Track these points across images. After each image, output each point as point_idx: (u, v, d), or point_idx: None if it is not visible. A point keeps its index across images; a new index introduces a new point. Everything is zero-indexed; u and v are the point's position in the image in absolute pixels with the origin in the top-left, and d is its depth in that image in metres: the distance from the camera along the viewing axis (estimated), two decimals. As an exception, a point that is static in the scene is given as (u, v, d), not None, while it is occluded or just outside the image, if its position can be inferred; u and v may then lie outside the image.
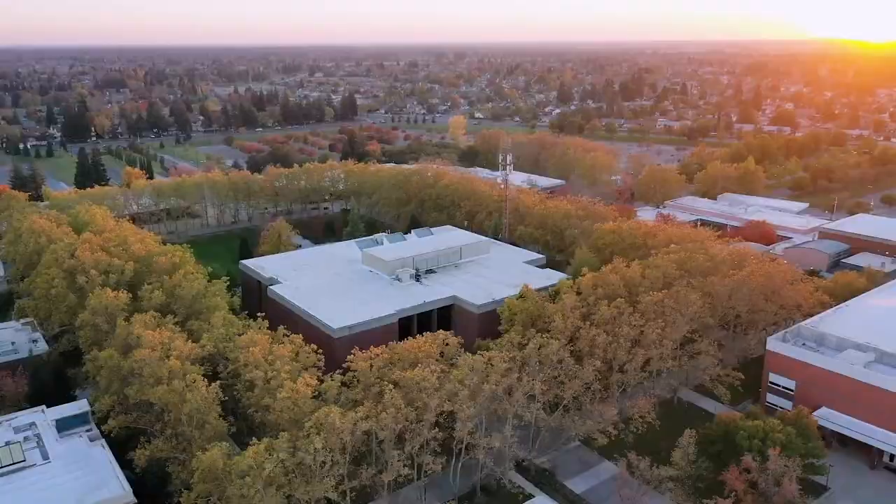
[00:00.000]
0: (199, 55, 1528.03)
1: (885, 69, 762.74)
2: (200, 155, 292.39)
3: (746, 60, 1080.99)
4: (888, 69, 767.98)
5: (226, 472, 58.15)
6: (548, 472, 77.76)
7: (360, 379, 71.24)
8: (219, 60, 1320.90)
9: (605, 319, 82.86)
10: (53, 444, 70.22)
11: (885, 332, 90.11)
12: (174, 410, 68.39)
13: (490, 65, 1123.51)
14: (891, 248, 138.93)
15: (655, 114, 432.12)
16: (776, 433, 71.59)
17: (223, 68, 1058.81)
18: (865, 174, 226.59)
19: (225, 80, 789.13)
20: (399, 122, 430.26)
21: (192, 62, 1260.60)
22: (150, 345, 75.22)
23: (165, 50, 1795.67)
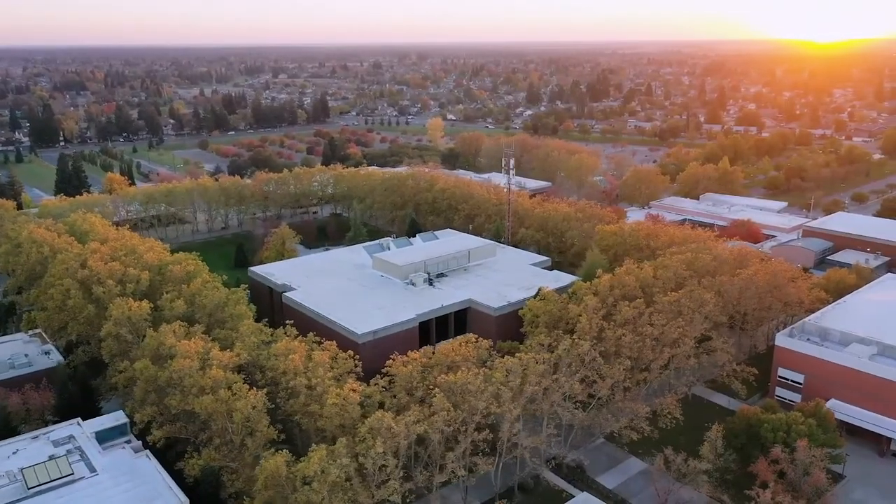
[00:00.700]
0: (155, 56, 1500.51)
1: (838, 70, 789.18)
2: (177, 159, 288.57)
3: (704, 61, 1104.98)
4: (841, 70, 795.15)
5: (289, 479, 59.12)
6: (579, 469, 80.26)
7: (400, 383, 72.81)
8: (177, 61, 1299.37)
9: (627, 319, 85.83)
10: (97, 456, 70.04)
11: (885, 325, 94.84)
12: (219, 419, 68.96)
13: (454, 65, 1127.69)
14: (872, 244, 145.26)
15: (625, 115, 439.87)
16: (799, 425, 75.35)
17: (183, 70, 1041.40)
18: (835, 173, 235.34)
19: (187, 82, 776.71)
20: (372, 124, 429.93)
21: (150, 63, 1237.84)
22: (186, 355, 75.63)
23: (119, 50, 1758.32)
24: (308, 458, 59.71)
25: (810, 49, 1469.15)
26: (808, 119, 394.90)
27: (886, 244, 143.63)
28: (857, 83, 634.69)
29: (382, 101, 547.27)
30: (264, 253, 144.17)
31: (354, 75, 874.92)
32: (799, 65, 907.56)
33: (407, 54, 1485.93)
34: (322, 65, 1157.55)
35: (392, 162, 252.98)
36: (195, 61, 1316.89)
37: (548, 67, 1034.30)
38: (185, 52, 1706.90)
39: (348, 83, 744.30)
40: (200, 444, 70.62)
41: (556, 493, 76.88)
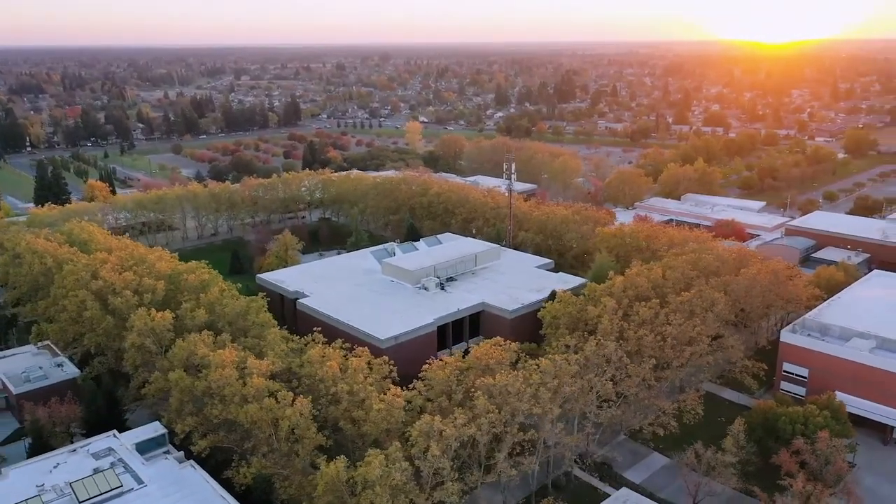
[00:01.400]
0: (110, 57, 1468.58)
1: (794, 70, 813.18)
2: (153, 164, 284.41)
3: (663, 62, 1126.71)
4: (794, 70, 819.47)
5: (349, 484, 60.40)
6: (605, 465, 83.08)
7: (437, 387, 74.56)
8: (134, 63, 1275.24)
9: (645, 319, 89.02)
10: (141, 467, 70.25)
11: (881, 320, 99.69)
12: (264, 427, 69.82)
13: (418, 67, 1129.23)
14: (852, 242, 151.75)
15: (594, 116, 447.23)
16: (815, 417, 79.40)
17: (142, 71, 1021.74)
18: (805, 173, 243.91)
19: (149, 85, 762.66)
20: (345, 126, 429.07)
21: (106, 65, 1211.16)
22: (222, 364, 76.22)
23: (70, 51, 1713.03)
24: (366, 462, 61.08)
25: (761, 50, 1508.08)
26: (772, 120, 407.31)
27: (866, 241, 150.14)
28: (812, 84, 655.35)
29: (352, 103, 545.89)
30: (265, 260, 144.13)
31: (319, 77, 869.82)
32: (754, 65, 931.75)
33: (369, 55, 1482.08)
34: (284, 66, 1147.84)
35: (373, 165, 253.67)
36: (152, 62, 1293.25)
37: (511, 68, 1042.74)
38: (140, 52, 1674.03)
39: (314, 85, 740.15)
40: (246, 452, 71.29)
41: (589, 489, 79.54)
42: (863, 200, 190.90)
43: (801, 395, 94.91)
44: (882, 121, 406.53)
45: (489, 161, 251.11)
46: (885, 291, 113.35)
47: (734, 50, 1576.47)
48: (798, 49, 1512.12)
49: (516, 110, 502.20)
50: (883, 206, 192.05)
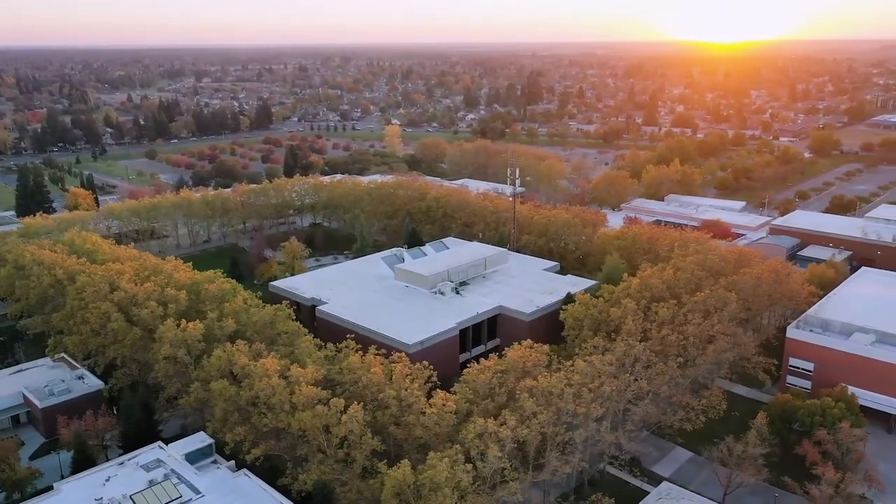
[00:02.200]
0: (63, 58, 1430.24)
1: (749, 71, 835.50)
2: (129, 171, 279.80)
3: (622, 63, 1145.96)
4: (751, 71, 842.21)
5: (416, 486, 62.27)
6: (634, 461, 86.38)
7: (479, 390, 76.88)
8: (88, 64, 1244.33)
9: (665, 319, 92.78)
10: (195, 477, 70.99)
11: (878, 315, 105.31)
12: (317, 435, 71.15)
13: (381, 68, 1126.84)
14: (834, 240, 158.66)
15: (564, 117, 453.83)
16: (832, 409, 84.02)
17: (99, 73, 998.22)
18: (777, 172, 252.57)
19: (108, 87, 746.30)
20: (319, 129, 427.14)
21: (59, 66, 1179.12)
22: (265, 373, 77.32)
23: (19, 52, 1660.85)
24: (429, 465, 63.05)
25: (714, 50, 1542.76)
26: (736, 120, 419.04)
27: (847, 239, 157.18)
28: (768, 84, 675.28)
29: (321, 105, 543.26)
30: (268, 268, 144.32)
31: (283, 79, 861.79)
32: (711, 66, 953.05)
33: (329, 57, 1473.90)
34: (245, 67, 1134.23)
35: (356, 170, 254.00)
36: (108, 64, 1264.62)
37: (474, 70, 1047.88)
38: (93, 53, 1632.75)
39: (279, 87, 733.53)
40: (299, 459, 72.53)
41: (622, 484, 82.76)
42: (838, 199, 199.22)
43: (807, 389, 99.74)
44: (840, 121, 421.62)
45: (472, 164, 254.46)
46: (876, 287, 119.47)
47: (689, 50, 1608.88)
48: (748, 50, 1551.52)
49: (486, 112, 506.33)
50: (857, 204, 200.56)
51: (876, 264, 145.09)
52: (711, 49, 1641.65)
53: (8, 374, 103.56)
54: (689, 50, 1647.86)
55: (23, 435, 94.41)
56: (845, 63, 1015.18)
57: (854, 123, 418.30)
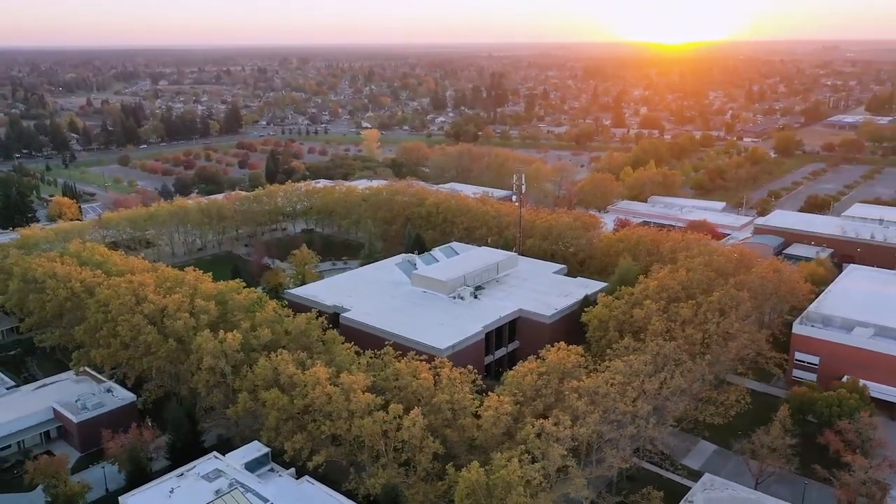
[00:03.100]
0: (7, 59, 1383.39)
1: (704, 72, 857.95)
2: (106, 178, 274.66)
3: (578, 64, 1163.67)
4: (706, 72, 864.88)
5: (489, 486, 64.94)
6: (664, 455, 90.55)
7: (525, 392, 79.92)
8: (37, 66, 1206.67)
9: (686, 319, 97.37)
10: (259, 486, 72.35)
11: (874, 309, 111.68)
12: (375, 439, 73.33)
13: (341, 70, 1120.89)
14: (816, 238, 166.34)
15: (533, 120, 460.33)
16: (849, 400, 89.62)
17: (50, 76, 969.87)
18: (749, 173, 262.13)
19: (62, 90, 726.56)
20: (290, 133, 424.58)
21: (6, 68, 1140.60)
22: (317, 381, 79.09)
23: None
24: (498, 465, 65.84)
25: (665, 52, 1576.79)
26: (700, 122, 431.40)
27: (829, 238, 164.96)
28: (723, 85, 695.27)
29: (288, 108, 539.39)
30: (274, 275, 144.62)
31: (243, 81, 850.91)
32: (666, 67, 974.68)
33: (287, 58, 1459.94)
34: (202, 69, 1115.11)
35: (339, 175, 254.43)
36: (56, 66, 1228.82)
37: (434, 71, 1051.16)
38: (39, 55, 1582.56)
39: (241, 90, 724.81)
40: (360, 465, 74.48)
41: (656, 477, 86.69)
42: (813, 199, 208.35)
43: (813, 381, 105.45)
44: (797, 121, 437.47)
45: (455, 167, 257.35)
46: (867, 284, 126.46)
47: (641, 51, 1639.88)
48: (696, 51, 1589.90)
49: (454, 115, 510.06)
50: (831, 203, 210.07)
51: (856, 261, 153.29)
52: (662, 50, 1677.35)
53: (32, 389, 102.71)
54: (640, 51, 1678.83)
55: (56, 450, 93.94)
56: (793, 64, 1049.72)
57: (810, 124, 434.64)
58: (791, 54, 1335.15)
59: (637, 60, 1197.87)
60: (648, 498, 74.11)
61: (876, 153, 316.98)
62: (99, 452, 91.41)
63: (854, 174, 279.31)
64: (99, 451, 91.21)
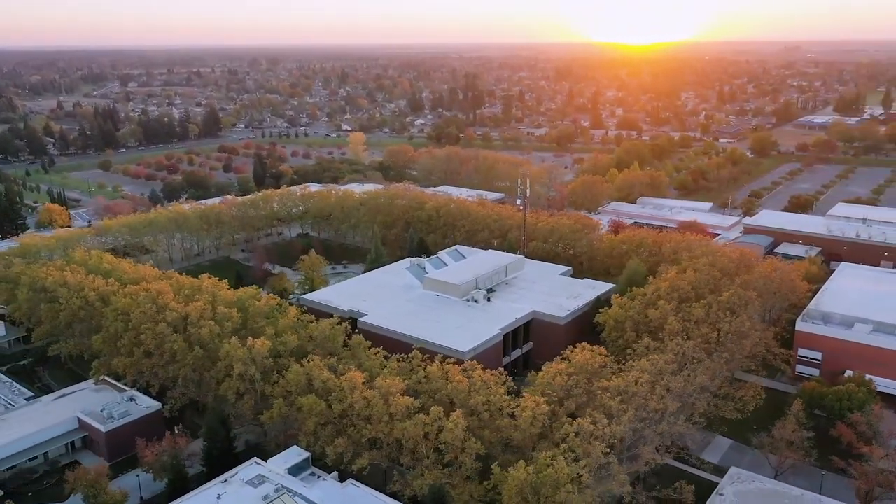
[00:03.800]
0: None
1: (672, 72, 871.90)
2: (89, 183, 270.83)
3: (548, 64, 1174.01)
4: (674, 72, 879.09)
5: (535, 484, 67.18)
6: (684, 450, 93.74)
7: (555, 392, 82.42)
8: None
9: (700, 318, 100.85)
10: (305, 490, 73.48)
11: (870, 306, 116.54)
12: (416, 442, 75.18)
13: (312, 71, 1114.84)
14: (804, 238, 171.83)
15: (512, 121, 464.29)
16: (858, 394, 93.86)
17: (13, 77, 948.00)
18: (731, 173, 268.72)
19: (29, 93, 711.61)
20: (271, 136, 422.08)
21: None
22: (353, 386, 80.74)
23: None
24: (543, 463, 68.15)
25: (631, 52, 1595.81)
26: (676, 122, 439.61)
27: (816, 237, 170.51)
28: (693, 86, 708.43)
29: (266, 111, 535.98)
30: (280, 280, 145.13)
31: (214, 83, 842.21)
32: (636, 68, 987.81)
33: (256, 59, 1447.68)
34: (171, 71, 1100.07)
35: (328, 178, 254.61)
36: (19, 67, 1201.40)
37: (407, 72, 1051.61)
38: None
39: (214, 92, 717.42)
40: (403, 467, 76.21)
41: (679, 472, 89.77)
42: (796, 199, 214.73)
43: (816, 376, 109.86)
44: (769, 122, 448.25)
45: (444, 170, 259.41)
46: (860, 282, 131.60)
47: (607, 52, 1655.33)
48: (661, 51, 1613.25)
49: (433, 116, 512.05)
50: (813, 203, 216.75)
51: (842, 259, 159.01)
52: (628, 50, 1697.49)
53: (52, 399, 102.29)
54: (607, 51, 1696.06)
55: (82, 460, 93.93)
56: (758, 64, 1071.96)
57: (781, 124, 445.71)
58: (756, 55, 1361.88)
59: (605, 61, 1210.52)
60: (681, 492, 76.93)
61: (848, 153, 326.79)
62: (126, 461, 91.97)
63: (829, 174, 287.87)
64: (126, 459, 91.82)
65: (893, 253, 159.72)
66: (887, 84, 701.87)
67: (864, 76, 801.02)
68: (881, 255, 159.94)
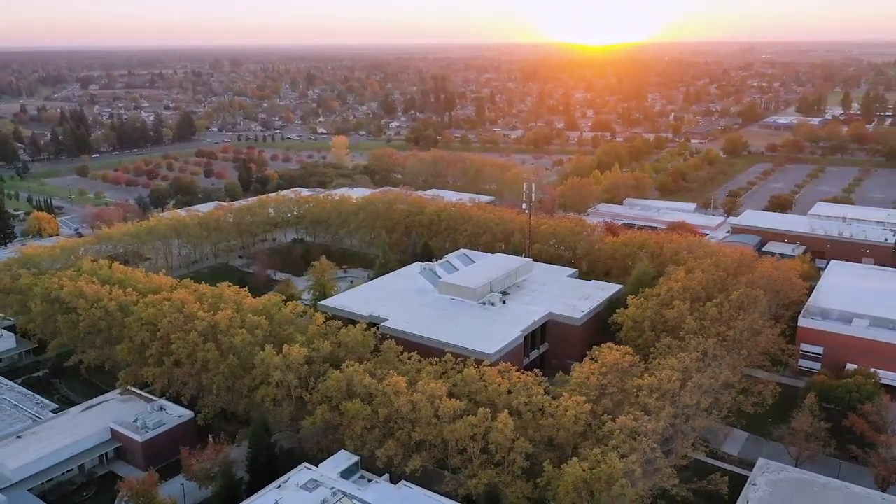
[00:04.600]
0: None
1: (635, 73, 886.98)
2: (70, 190, 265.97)
3: (512, 66, 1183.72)
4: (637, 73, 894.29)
5: (587, 480, 70.34)
6: (705, 442, 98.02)
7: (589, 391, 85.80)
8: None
9: (714, 317, 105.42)
10: (360, 493, 75.58)
11: (865, 302, 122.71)
12: (466, 443, 77.80)
13: (277, 72, 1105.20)
14: (790, 237, 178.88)
15: (486, 123, 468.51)
16: (866, 386, 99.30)
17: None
18: (708, 174, 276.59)
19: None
20: (247, 140, 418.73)
21: None
22: (397, 390, 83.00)
23: None
24: (594, 460, 71.41)
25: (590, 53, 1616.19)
26: (648, 124, 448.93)
27: (801, 235, 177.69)
28: (659, 87, 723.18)
29: (238, 113, 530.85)
30: (286, 287, 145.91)
31: (179, 85, 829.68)
32: (601, 69, 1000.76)
33: (218, 60, 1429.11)
34: (132, 73, 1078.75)
35: (314, 183, 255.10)
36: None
37: (374, 74, 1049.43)
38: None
39: (180, 95, 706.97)
40: (454, 467, 78.67)
41: (702, 464, 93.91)
42: (776, 199, 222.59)
43: (817, 370, 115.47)
44: (735, 123, 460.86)
45: (431, 174, 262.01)
46: (851, 279, 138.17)
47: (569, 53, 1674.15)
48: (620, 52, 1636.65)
49: (406, 119, 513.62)
50: (792, 202, 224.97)
51: (826, 256, 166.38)
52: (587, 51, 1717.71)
53: (80, 411, 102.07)
54: (567, 52, 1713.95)
55: (117, 470, 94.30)
56: (717, 65, 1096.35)
57: (748, 125, 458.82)
58: (713, 55, 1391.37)
59: (567, 62, 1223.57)
60: (716, 484, 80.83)
61: (815, 153, 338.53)
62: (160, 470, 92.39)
63: (800, 173, 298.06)
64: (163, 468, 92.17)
65: (875, 250, 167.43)
66: (843, 84, 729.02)
67: (820, 77, 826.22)
68: (863, 253, 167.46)
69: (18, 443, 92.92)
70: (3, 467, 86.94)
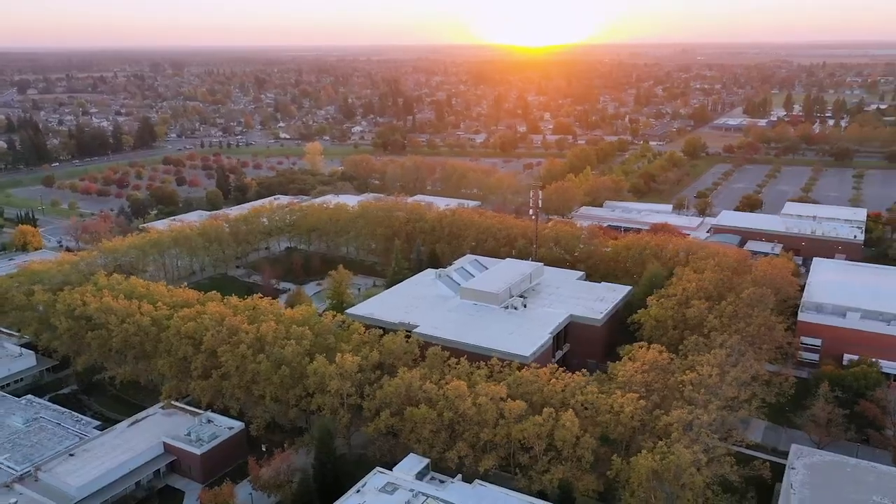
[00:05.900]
0: None
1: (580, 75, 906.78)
2: (41, 201, 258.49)
3: (459, 68, 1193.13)
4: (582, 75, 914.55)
5: (659, 470, 75.79)
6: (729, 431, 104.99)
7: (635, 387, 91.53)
8: None
9: (730, 314, 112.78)
10: (439, 493, 79.17)
11: (856, 296, 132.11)
12: (534, 441, 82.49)
13: (224, 76, 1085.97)
14: (767, 236, 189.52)
15: (448, 128, 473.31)
16: (872, 374, 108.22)
17: None
18: (676, 175, 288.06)
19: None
20: (210, 146, 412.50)
21: None
22: (459, 394, 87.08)
23: None
24: (660, 452, 76.92)
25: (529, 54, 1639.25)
26: (606, 127, 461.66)
27: (777, 234, 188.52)
28: (607, 89, 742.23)
29: (195, 119, 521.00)
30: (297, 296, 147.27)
31: (124, 89, 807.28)
32: (545, 71, 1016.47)
33: (159, 63, 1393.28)
34: (71, 76, 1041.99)
35: (294, 190, 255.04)
36: None
37: (323, 77, 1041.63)
38: None
39: (131, 100, 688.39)
40: (522, 464, 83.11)
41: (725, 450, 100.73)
42: (747, 199, 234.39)
43: (816, 361, 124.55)
44: (688, 125, 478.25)
45: (412, 179, 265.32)
46: (837, 275, 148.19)
47: (506, 55, 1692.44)
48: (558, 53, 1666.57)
49: (367, 123, 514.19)
50: (761, 202, 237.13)
51: (801, 253, 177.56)
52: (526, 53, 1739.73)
53: (126, 426, 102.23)
54: (507, 54, 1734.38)
55: (173, 484, 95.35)
56: (657, 67, 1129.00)
57: (699, 126, 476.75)
58: (650, 57, 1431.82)
59: (510, 64, 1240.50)
60: (759, 469, 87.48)
61: (769, 153, 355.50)
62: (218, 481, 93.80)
63: (758, 173, 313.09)
64: (217, 479, 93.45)
65: (846, 247, 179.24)
66: (779, 86, 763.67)
67: (757, 79, 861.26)
68: (836, 249, 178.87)
69: (72, 461, 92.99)
70: (67, 486, 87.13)
